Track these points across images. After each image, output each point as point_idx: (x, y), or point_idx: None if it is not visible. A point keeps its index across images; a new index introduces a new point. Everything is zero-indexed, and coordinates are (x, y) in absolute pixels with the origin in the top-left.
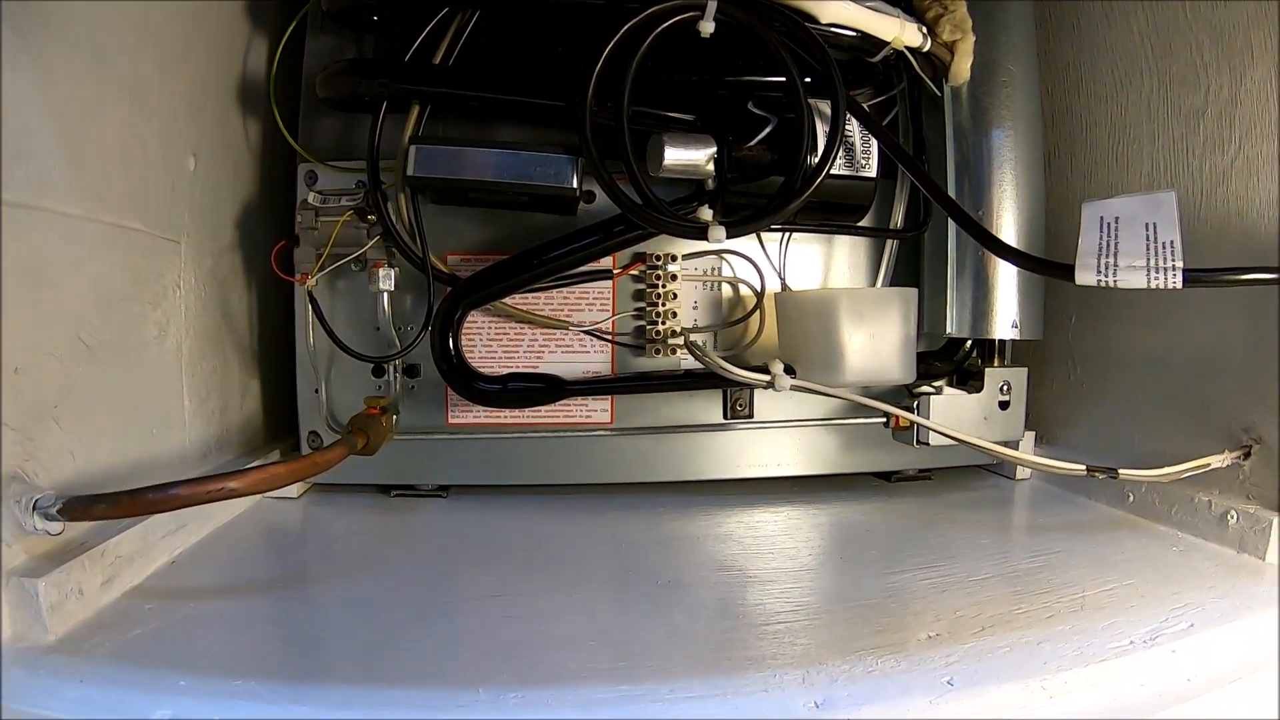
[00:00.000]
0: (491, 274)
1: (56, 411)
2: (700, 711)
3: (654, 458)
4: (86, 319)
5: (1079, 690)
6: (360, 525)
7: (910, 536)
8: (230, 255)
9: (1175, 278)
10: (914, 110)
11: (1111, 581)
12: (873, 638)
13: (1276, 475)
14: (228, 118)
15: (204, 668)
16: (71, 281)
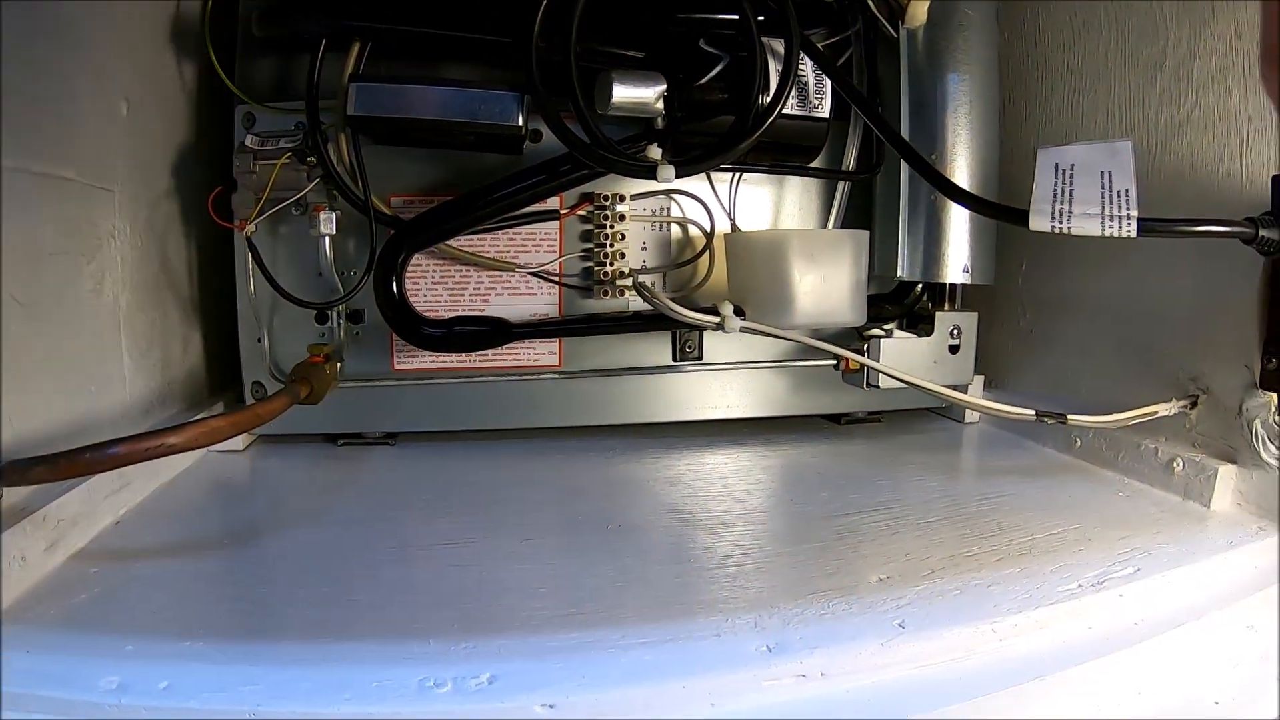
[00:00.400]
0: (435, 215)
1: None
2: (652, 656)
3: (603, 400)
4: (17, 275)
5: (1028, 632)
6: (307, 476)
7: (860, 479)
8: (167, 203)
9: (1130, 226)
10: (869, 52)
11: (1059, 525)
12: (824, 580)
13: (1222, 424)
14: (162, 59)
15: (152, 630)
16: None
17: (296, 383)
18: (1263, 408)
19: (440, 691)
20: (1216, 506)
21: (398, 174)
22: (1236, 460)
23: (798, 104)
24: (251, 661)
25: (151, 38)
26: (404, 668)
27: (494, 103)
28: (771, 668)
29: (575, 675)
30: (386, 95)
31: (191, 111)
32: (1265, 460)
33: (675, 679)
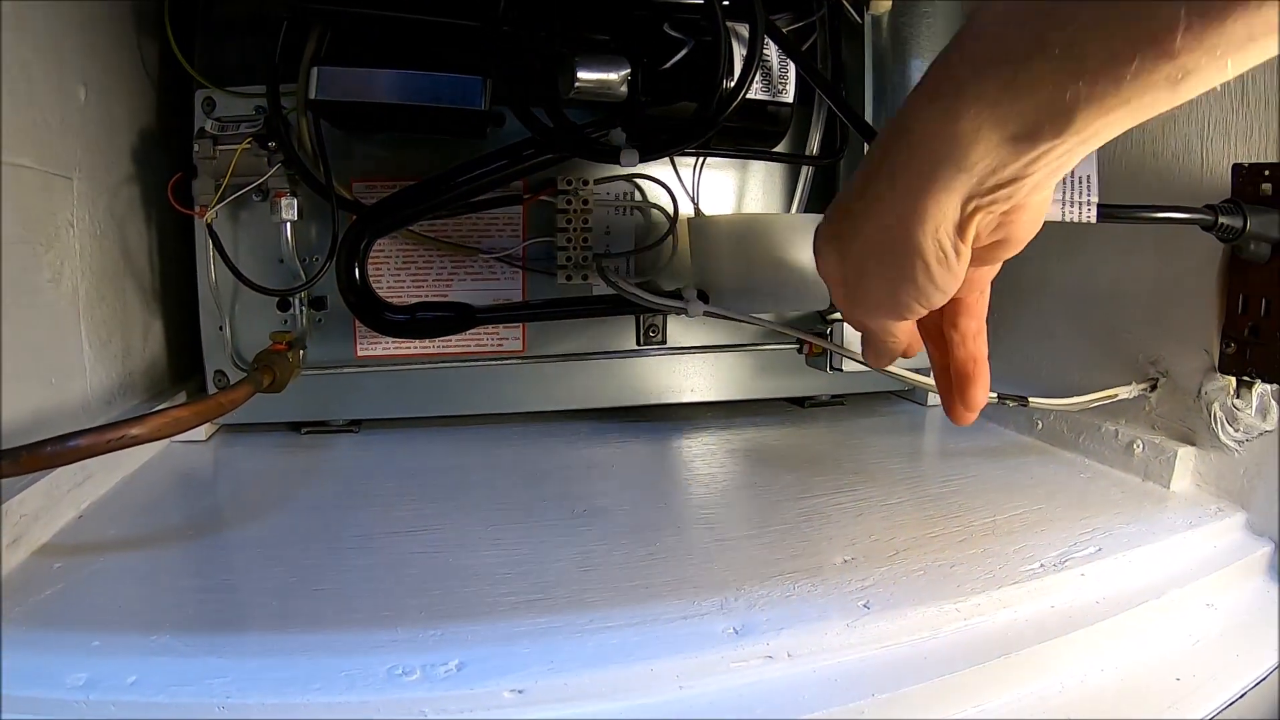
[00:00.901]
0: (398, 200)
1: None
2: (620, 639)
3: (567, 386)
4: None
5: (991, 611)
6: (271, 465)
7: (824, 461)
8: (127, 190)
9: (1090, 212)
10: (833, 38)
11: (1022, 506)
12: (789, 562)
13: (1181, 407)
14: (121, 44)
15: (118, 625)
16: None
17: (259, 371)
18: (1221, 391)
19: (409, 679)
20: (1176, 487)
21: (360, 158)
22: (1195, 442)
23: (762, 89)
24: (219, 654)
25: (111, 21)
26: (372, 656)
27: (457, 86)
28: (739, 649)
29: (543, 660)
30: (348, 79)
31: (152, 96)
32: (1224, 442)
33: (643, 661)
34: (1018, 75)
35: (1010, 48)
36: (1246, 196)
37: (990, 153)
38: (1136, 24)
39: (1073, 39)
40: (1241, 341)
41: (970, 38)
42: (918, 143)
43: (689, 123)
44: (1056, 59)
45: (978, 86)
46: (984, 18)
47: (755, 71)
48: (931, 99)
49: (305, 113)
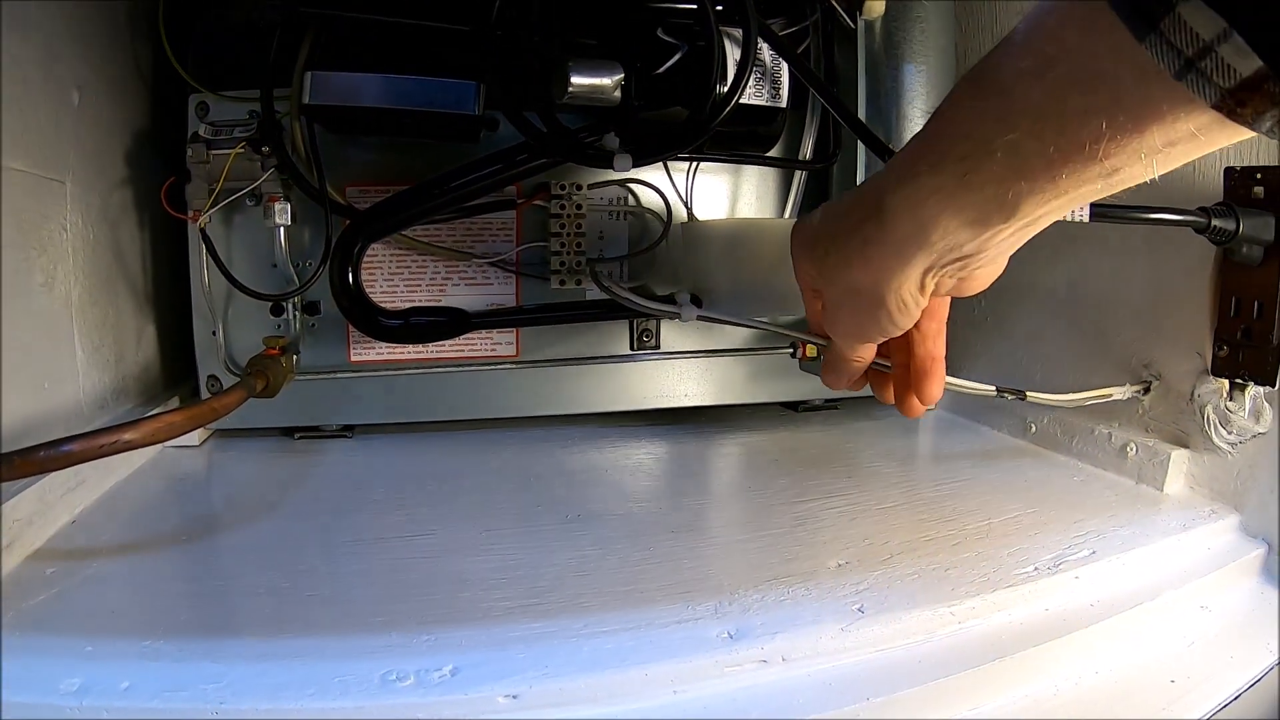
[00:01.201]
0: (391, 205)
1: None
2: (614, 644)
3: (561, 390)
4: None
5: (986, 614)
6: (264, 470)
7: (818, 465)
8: (120, 194)
9: (1083, 213)
10: (827, 42)
11: (1015, 509)
12: (783, 566)
13: (1174, 410)
14: (115, 47)
15: (111, 630)
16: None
17: (252, 376)
18: (1214, 393)
19: (403, 684)
20: (1170, 490)
21: (353, 163)
22: (1189, 445)
23: (756, 93)
24: (213, 659)
25: (105, 24)
26: (366, 661)
27: (450, 91)
28: (733, 653)
29: (538, 665)
30: (342, 84)
31: (146, 100)
32: (1217, 444)
33: (637, 666)
34: (968, 174)
35: (962, 150)
36: (1239, 199)
37: (949, 234)
38: (1065, 135)
39: (1014, 145)
40: (1234, 344)
41: (932, 137)
42: (888, 221)
43: (682, 127)
44: (1000, 161)
45: (936, 180)
46: (941, 121)
47: (749, 76)
48: (899, 183)
49: (299, 117)
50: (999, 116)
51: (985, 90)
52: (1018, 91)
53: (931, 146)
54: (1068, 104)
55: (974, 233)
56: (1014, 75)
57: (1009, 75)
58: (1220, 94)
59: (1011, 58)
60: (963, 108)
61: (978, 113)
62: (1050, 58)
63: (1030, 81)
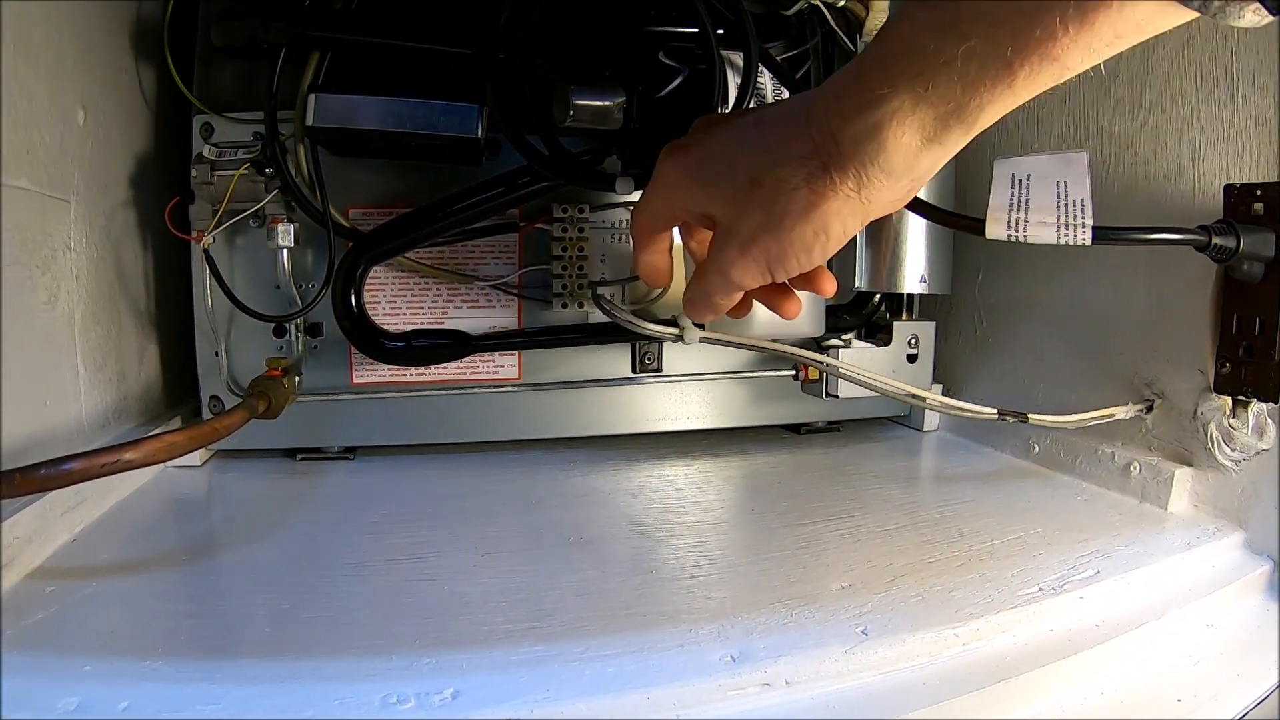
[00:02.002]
0: (394, 228)
1: None
2: (616, 668)
3: (563, 413)
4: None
5: (990, 636)
6: (265, 491)
7: (821, 488)
8: (123, 214)
9: (1085, 234)
10: (827, 65)
11: (1019, 530)
12: (786, 589)
13: (1177, 428)
14: (120, 67)
15: (110, 650)
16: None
17: (254, 397)
18: (1217, 411)
19: (403, 708)
20: (1174, 508)
21: (356, 185)
22: (1192, 463)
23: None
24: (212, 680)
25: (111, 44)
26: (366, 684)
27: (453, 114)
28: (736, 677)
29: (539, 688)
30: (345, 106)
31: (150, 120)
32: (1221, 462)
33: (639, 690)
34: (928, 89)
35: (918, 66)
36: (1239, 216)
37: (908, 156)
38: (1020, 35)
39: (971, 53)
40: (1236, 361)
41: (881, 59)
42: (846, 149)
43: None
44: (959, 71)
45: (895, 100)
46: (890, 41)
47: (750, 99)
48: (857, 112)
49: (303, 139)
50: (952, 25)
51: (938, 3)
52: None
53: (886, 68)
54: (1022, 4)
55: (931, 151)
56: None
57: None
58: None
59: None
60: (917, 23)
61: (931, 26)
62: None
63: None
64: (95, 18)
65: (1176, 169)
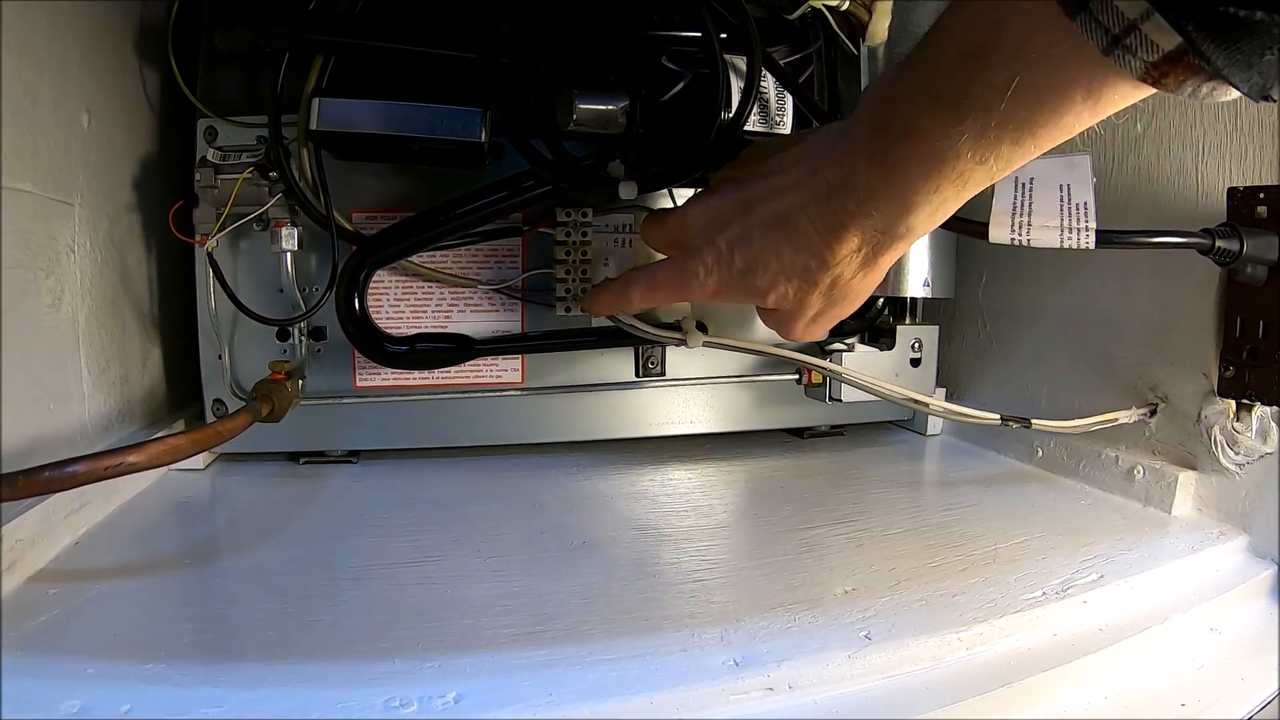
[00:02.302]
0: (398, 231)
1: None
2: (619, 672)
3: (566, 417)
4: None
5: (994, 640)
6: (269, 494)
7: (824, 492)
8: (128, 217)
9: (1088, 238)
10: (830, 69)
11: (1023, 534)
12: (790, 593)
13: (1181, 432)
14: (124, 71)
15: (113, 653)
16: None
17: (258, 400)
18: (1221, 414)
19: (406, 711)
20: (1178, 512)
21: (360, 189)
22: (1196, 466)
23: (760, 120)
24: (214, 684)
25: (115, 48)
26: (369, 688)
27: (456, 118)
28: (739, 681)
29: (542, 692)
30: (349, 110)
31: (154, 124)
32: (1225, 466)
33: (642, 694)
34: (968, 184)
35: (959, 168)
36: (1242, 219)
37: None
38: (1047, 135)
39: (1002, 155)
40: (1240, 364)
41: (919, 158)
42: (898, 237)
43: (688, 155)
44: (992, 167)
45: (939, 197)
46: (924, 139)
47: (753, 104)
48: (908, 210)
49: (306, 143)
50: (982, 134)
51: (969, 114)
52: (974, 108)
53: (927, 172)
54: (1044, 110)
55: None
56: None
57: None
58: (1145, 67)
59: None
60: (950, 136)
61: (964, 134)
62: (1013, 63)
63: (984, 90)
64: (99, 21)
65: (1180, 172)
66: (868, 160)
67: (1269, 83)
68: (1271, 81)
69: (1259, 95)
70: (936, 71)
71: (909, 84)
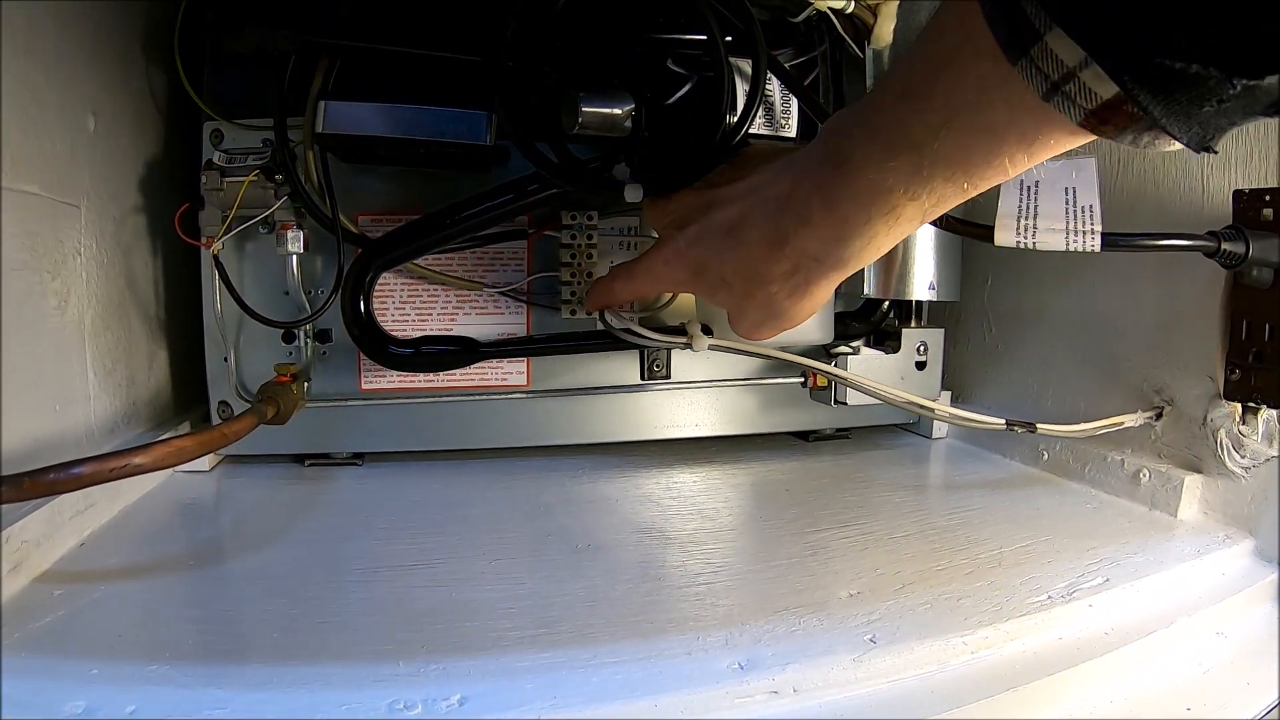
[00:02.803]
0: (403, 234)
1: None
2: (624, 675)
3: (571, 420)
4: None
5: (999, 644)
6: (274, 497)
7: (829, 495)
8: (133, 219)
9: (1093, 241)
10: (835, 72)
11: (1028, 537)
12: (795, 597)
13: (1187, 435)
14: (130, 74)
15: (117, 654)
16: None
17: (263, 402)
18: (1227, 417)
19: (411, 714)
20: (1184, 515)
21: (365, 192)
22: (1202, 470)
23: (765, 123)
24: (219, 685)
25: (121, 50)
26: (373, 690)
27: (462, 122)
28: (744, 684)
29: (546, 695)
30: (354, 113)
31: (160, 127)
32: (1231, 469)
33: (647, 697)
34: (900, 220)
35: (892, 202)
36: (1248, 222)
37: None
38: (980, 174)
39: (935, 190)
40: (1246, 367)
41: (854, 194)
42: (829, 266)
43: (692, 158)
44: (924, 204)
45: (870, 230)
46: (859, 176)
47: (758, 107)
48: (838, 240)
49: (312, 146)
50: (915, 171)
51: (902, 154)
52: (907, 146)
53: (860, 205)
54: (977, 156)
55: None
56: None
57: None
58: (1084, 114)
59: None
60: (884, 168)
61: (897, 171)
62: (948, 105)
63: (928, 131)
64: (105, 24)
65: (1185, 174)
66: (810, 187)
67: (1209, 134)
68: (1211, 133)
69: (1198, 147)
70: (877, 109)
71: (855, 118)
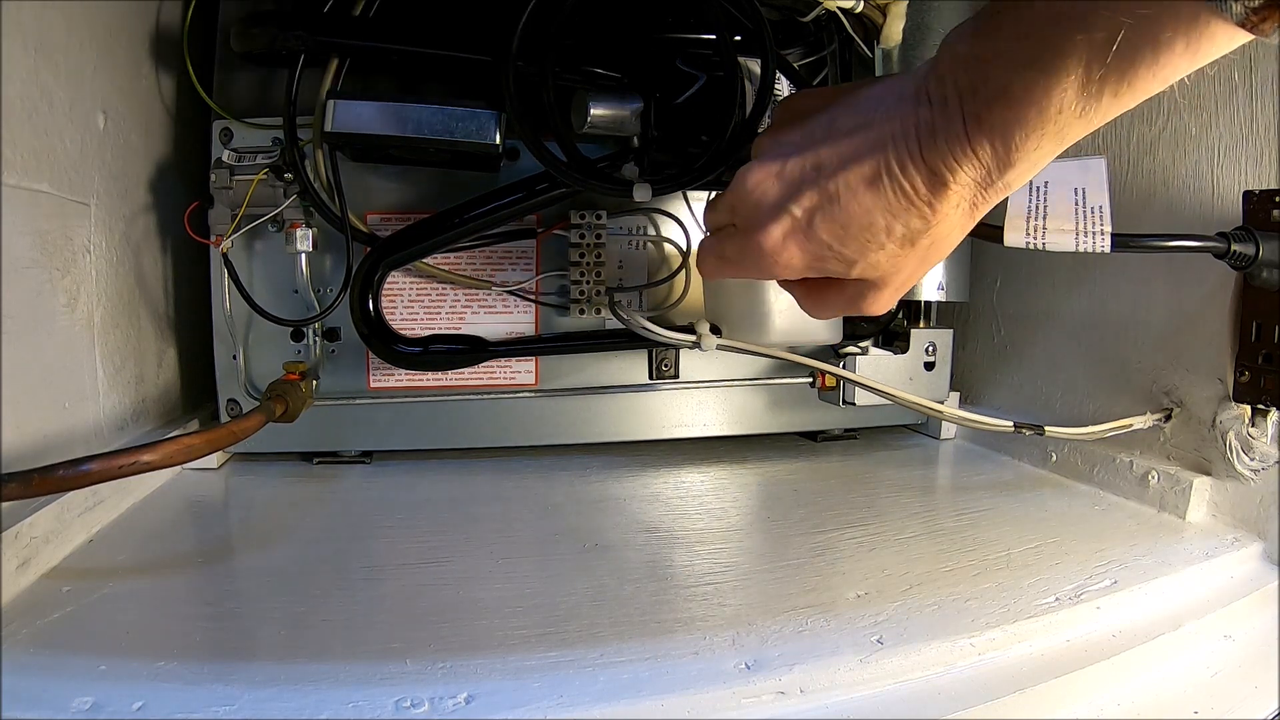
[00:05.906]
0: (412, 233)
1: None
2: (630, 675)
3: (579, 419)
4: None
5: (1006, 646)
6: (282, 494)
7: (837, 495)
8: (143, 217)
9: (1103, 242)
10: (844, 72)
11: (1036, 539)
12: (802, 597)
13: (1196, 437)
14: (140, 72)
15: (125, 650)
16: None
17: (272, 400)
18: (1236, 419)
19: (417, 712)
20: (1192, 518)
21: (374, 191)
22: (1211, 472)
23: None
24: (226, 682)
25: (131, 49)
26: (380, 688)
27: (471, 121)
28: (750, 685)
29: (553, 694)
30: (364, 112)
31: (170, 125)
32: (1240, 471)
33: (653, 697)
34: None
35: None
36: (1258, 223)
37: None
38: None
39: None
40: (1255, 369)
41: (1023, 122)
42: (997, 192)
43: (701, 158)
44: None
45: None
46: (1027, 103)
47: (768, 106)
48: (1015, 163)
49: (321, 145)
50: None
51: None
52: (1076, 67)
53: (1029, 133)
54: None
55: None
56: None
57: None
58: (1246, 12)
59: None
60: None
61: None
62: (1096, 12)
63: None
64: (116, 23)
65: (1195, 175)
66: (962, 122)
67: None
68: None
69: None
70: (1029, 36)
71: (997, 48)
